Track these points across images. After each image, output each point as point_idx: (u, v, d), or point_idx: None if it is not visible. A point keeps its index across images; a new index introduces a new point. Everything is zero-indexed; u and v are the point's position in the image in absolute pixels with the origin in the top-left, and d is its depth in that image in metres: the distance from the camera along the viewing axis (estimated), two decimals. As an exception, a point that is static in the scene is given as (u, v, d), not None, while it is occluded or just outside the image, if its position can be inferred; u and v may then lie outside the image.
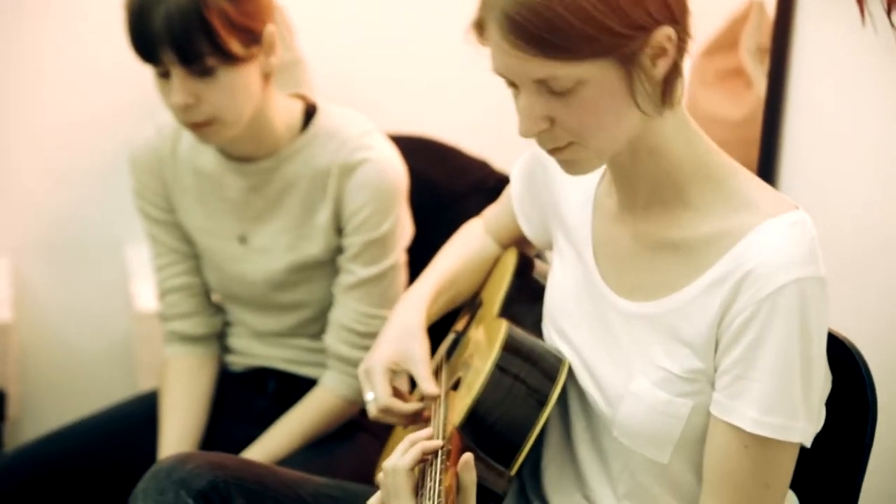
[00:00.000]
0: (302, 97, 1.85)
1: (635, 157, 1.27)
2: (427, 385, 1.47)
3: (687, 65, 1.25)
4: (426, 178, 1.98)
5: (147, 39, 1.62)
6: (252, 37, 1.66)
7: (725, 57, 2.31)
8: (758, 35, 2.20)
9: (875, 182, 1.71)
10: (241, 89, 1.67)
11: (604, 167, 1.35)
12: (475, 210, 1.73)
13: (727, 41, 2.31)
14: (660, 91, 1.22)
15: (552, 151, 1.25)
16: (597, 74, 1.18)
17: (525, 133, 1.23)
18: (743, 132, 2.15)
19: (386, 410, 1.49)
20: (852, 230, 1.73)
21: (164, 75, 1.66)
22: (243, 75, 1.67)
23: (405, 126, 2.08)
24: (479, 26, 1.22)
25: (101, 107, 2.57)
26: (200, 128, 1.69)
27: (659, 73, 1.21)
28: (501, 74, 1.23)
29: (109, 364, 2.70)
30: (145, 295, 2.43)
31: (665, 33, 1.19)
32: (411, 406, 1.49)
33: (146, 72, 2.47)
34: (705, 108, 2.30)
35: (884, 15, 1.58)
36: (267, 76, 1.73)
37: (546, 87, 1.20)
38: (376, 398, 1.49)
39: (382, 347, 1.53)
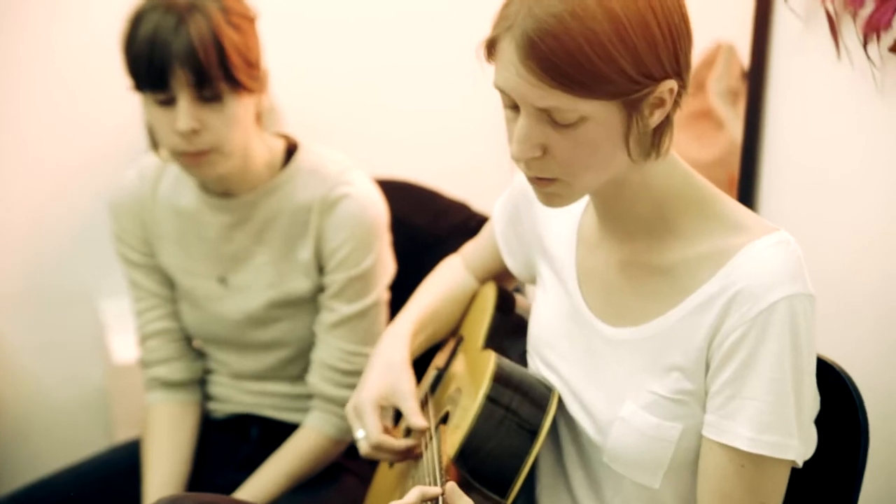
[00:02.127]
0: (284, 136, 1.86)
1: (619, 192, 1.29)
2: (416, 419, 1.47)
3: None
4: (407, 221, 1.99)
5: (161, 64, 1.64)
6: (254, 72, 1.70)
7: (693, 99, 2.34)
8: (727, 77, 2.24)
9: (855, 217, 1.73)
10: (241, 121, 1.70)
11: (587, 197, 1.37)
12: (455, 250, 1.73)
13: (694, 84, 2.33)
14: (649, 140, 1.23)
15: (536, 180, 1.26)
16: (601, 114, 1.19)
17: (517, 156, 1.23)
18: (713, 173, 2.17)
19: (378, 447, 1.48)
20: (832, 264, 1.74)
21: (167, 103, 1.67)
22: (244, 107, 1.70)
23: (383, 171, 2.09)
24: (492, 43, 1.22)
25: (76, 161, 2.57)
26: (199, 157, 1.69)
27: (653, 122, 1.22)
28: (505, 92, 1.23)
29: (85, 417, 2.67)
30: (122, 347, 2.42)
31: (669, 86, 1.20)
32: (403, 442, 1.48)
33: (119, 125, 2.52)
34: (676, 150, 2.33)
35: (859, 48, 1.61)
36: (258, 116, 1.75)
37: (548, 117, 1.21)
38: (367, 435, 1.49)
39: (370, 384, 1.53)
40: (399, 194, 2.02)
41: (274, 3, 1.86)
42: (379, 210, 1.81)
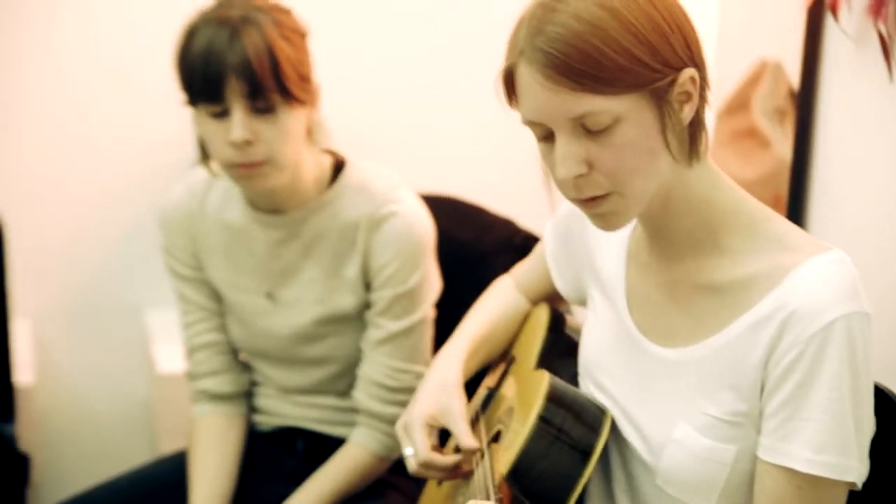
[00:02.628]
0: (331, 152, 1.87)
1: (667, 208, 1.29)
2: (466, 439, 1.47)
3: (709, 121, 1.27)
4: (453, 237, 1.99)
5: (216, 75, 1.65)
6: (306, 85, 1.72)
7: (738, 118, 2.33)
8: (774, 96, 2.23)
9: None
10: (293, 133, 1.71)
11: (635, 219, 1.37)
12: (502, 268, 1.74)
13: (738, 102, 2.33)
14: (686, 138, 1.24)
15: (589, 203, 1.26)
16: (633, 111, 1.20)
17: (565, 177, 1.23)
18: (758, 192, 2.16)
19: (426, 464, 1.48)
20: (883, 286, 1.73)
21: (221, 115, 1.68)
22: (297, 120, 1.71)
23: (429, 187, 2.10)
24: (509, 76, 1.24)
25: (124, 173, 2.60)
26: (252, 169, 1.70)
27: (685, 117, 1.23)
28: (536, 122, 1.24)
29: (129, 427, 2.70)
30: (166, 358, 2.44)
31: (689, 74, 1.22)
32: (451, 458, 1.49)
33: (168, 139, 2.54)
34: (722, 169, 2.32)
35: (912, 68, 1.60)
36: (309, 130, 1.76)
37: (583, 128, 1.21)
38: (416, 452, 1.49)
39: (421, 403, 1.53)
40: (445, 210, 2.02)
41: (320, 20, 1.87)
42: (426, 227, 1.81)
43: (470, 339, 1.60)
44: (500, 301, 1.65)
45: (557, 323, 1.57)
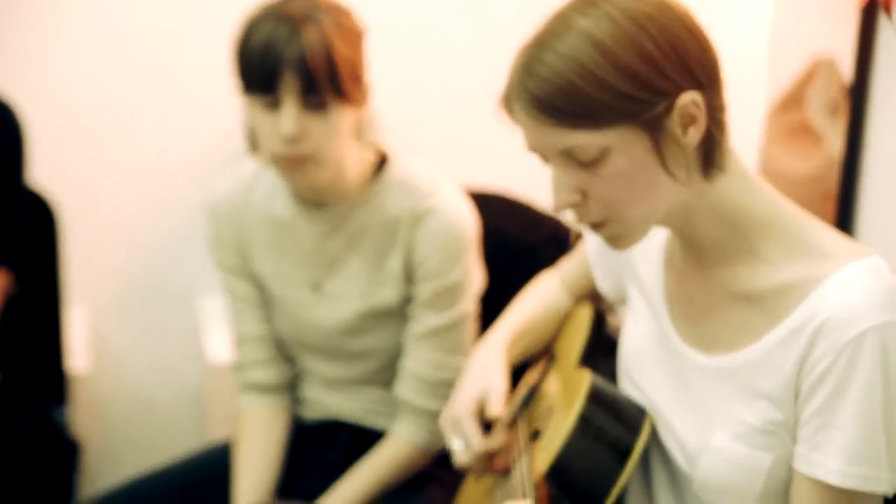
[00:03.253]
0: (376, 147, 1.88)
1: (690, 219, 1.27)
2: (495, 407, 1.48)
3: (759, 125, 1.25)
4: (499, 232, 1.99)
5: (272, 67, 1.66)
6: (359, 85, 1.73)
7: (792, 114, 2.31)
8: (827, 92, 2.20)
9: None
10: (341, 132, 1.72)
11: None
12: (548, 263, 1.75)
13: (793, 99, 2.31)
14: (698, 159, 1.22)
15: (593, 228, 1.26)
16: (621, 142, 1.19)
17: (558, 205, 1.25)
18: (808, 189, 2.15)
19: (482, 454, 1.49)
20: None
21: (272, 104, 1.70)
22: (346, 118, 1.72)
23: (478, 181, 2.10)
24: (508, 104, 1.25)
25: (178, 161, 2.62)
26: (297, 163, 1.72)
27: (691, 140, 1.21)
28: (532, 150, 1.25)
29: (182, 414, 2.73)
30: (217, 347, 2.47)
31: (690, 98, 1.19)
32: (498, 439, 1.50)
33: (220, 129, 2.56)
34: (774, 165, 2.31)
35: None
36: (358, 128, 1.77)
37: (573, 159, 1.22)
38: (469, 444, 1.50)
39: (464, 392, 1.54)
40: (491, 205, 2.03)
41: (370, 16, 1.88)
42: (468, 222, 1.82)
43: (512, 329, 1.61)
44: (542, 296, 1.65)
45: (600, 322, 1.57)
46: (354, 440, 1.93)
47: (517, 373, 1.65)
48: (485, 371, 1.54)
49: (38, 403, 2.10)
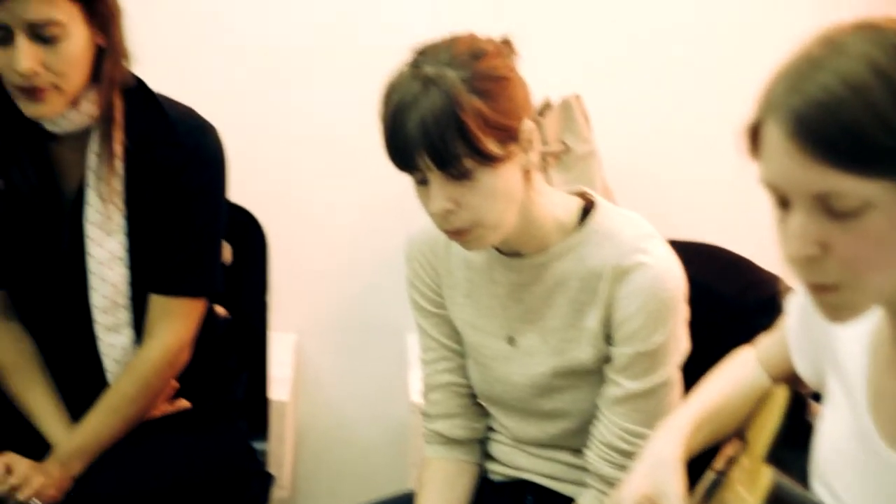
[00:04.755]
0: (581, 194, 1.76)
1: None
2: None
3: None
4: (711, 290, 1.84)
5: (403, 146, 1.57)
6: (509, 135, 1.59)
7: None
8: None
9: None
10: (501, 191, 1.60)
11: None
12: (763, 330, 1.59)
13: None
14: None
15: (816, 290, 1.09)
16: (888, 199, 1.03)
17: (792, 257, 1.08)
18: None
19: None
20: None
21: (423, 182, 1.61)
22: (502, 176, 1.60)
23: (690, 234, 1.96)
24: (755, 130, 1.10)
25: (389, 196, 2.59)
26: (462, 235, 1.63)
27: None
28: (774, 186, 1.09)
29: (384, 451, 2.69)
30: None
31: None
32: None
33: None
34: None
35: None
36: (528, 173, 1.65)
37: (825, 206, 1.05)
38: None
39: (635, 480, 1.41)
40: (705, 260, 1.89)
41: (591, 57, 1.80)
42: (676, 282, 1.67)
43: (697, 413, 1.47)
44: (736, 374, 1.50)
45: (797, 407, 1.41)
46: (541, 503, 1.82)
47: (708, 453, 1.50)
48: (661, 464, 1.41)
49: (236, 432, 2.09)
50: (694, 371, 1.72)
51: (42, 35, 1.74)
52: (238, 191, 2.03)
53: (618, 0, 2.60)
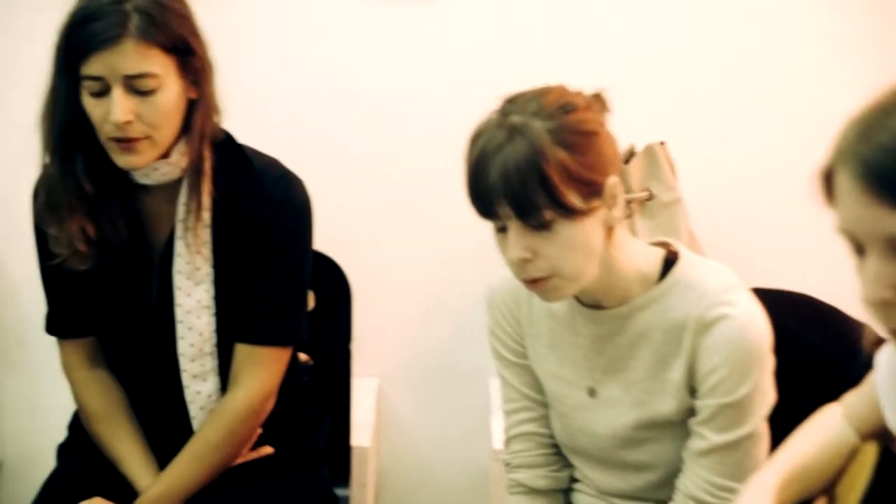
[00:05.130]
0: (664, 244, 1.75)
1: None
2: None
3: None
4: (798, 340, 1.81)
5: (484, 193, 1.57)
6: (593, 190, 1.58)
7: None
8: None
9: None
10: (580, 244, 1.59)
11: None
12: (852, 383, 1.55)
13: None
14: None
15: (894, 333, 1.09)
16: None
17: (869, 301, 1.08)
18: None
19: None
20: None
21: (502, 230, 1.61)
22: (583, 229, 1.59)
23: (779, 282, 1.93)
24: (828, 178, 1.10)
25: (472, 241, 2.58)
26: (538, 284, 1.62)
27: None
28: (849, 233, 1.09)
29: (465, 497, 2.69)
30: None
31: None
32: None
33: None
34: None
35: None
36: (610, 229, 1.64)
37: None
38: None
39: None
40: (793, 309, 1.87)
41: (677, 104, 1.79)
42: (761, 333, 1.64)
43: (785, 469, 1.44)
44: (824, 430, 1.47)
45: (886, 466, 1.37)
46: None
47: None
48: None
49: (318, 479, 2.09)
50: (781, 422, 1.69)
51: (137, 87, 1.78)
52: (321, 238, 2.04)
53: (703, 49, 2.58)
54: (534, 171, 1.53)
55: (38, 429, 2.71)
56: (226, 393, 1.96)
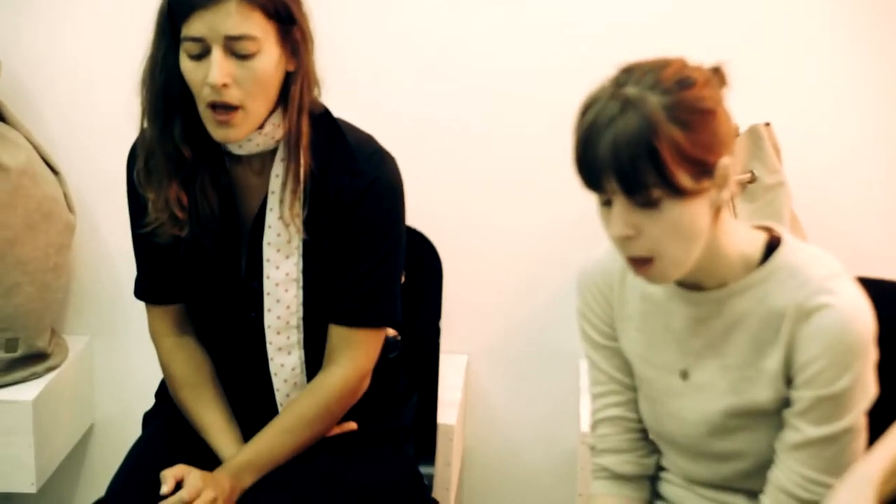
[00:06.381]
0: (767, 229, 1.69)
1: None
2: None
3: None
4: (900, 332, 1.74)
5: (591, 166, 1.53)
6: (704, 169, 1.53)
7: None
8: None
9: None
10: (686, 225, 1.54)
11: None
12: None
13: None
14: None
15: None
16: None
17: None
18: None
19: None
20: None
21: (607, 204, 1.57)
22: (690, 210, 1.54)
23: (885, 271, 1.86)
24: None
25: (565, 220, 2.55)
26: (640, 264, 1.58)
27: None
28: None
29: (551, 478, 2.66)
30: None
31: None
32: None
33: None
34: None
35: None
36: (718, 210, 1.59)
37: None
38: None
39: None
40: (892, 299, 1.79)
41: (783, 84, 1.73)
42: (864, 325, 1.58)
43: (887, 461, 1.40)
44: None
45: None
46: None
47: None
48: None
49: (403, 457, 2.08)
50: (880, 417, 1.64)
51: (237, 50, 1.78)
52: (413, 213, 2.03)
53: (811, 30, 2.50)
54: (645, 147, 1.49)
55: (129, 394, 2.74)
56: (321, 371, 1.96)
